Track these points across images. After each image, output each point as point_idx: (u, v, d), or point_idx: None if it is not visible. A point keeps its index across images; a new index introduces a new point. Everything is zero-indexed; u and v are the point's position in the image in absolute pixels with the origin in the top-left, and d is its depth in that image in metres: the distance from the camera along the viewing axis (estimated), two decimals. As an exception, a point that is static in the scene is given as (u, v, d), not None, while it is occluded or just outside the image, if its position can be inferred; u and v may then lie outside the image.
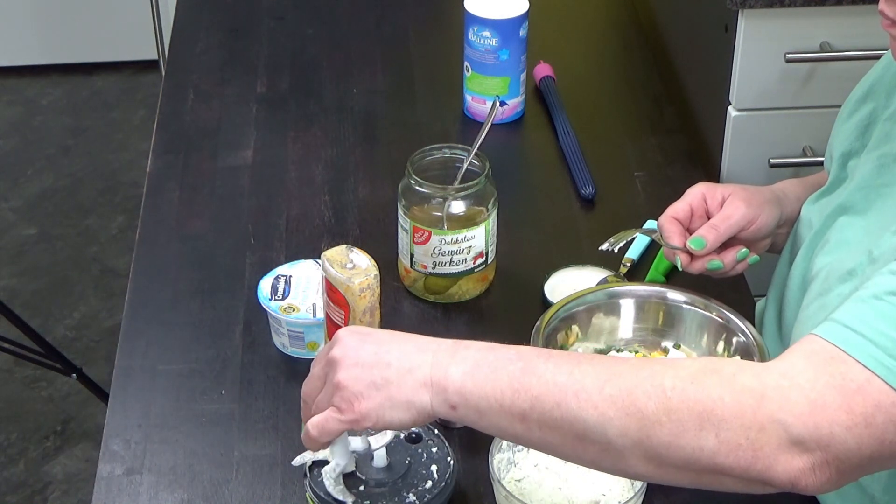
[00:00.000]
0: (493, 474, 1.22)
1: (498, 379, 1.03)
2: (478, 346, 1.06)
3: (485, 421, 1.04)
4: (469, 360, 1.05)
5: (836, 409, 0.97)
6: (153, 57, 3.61)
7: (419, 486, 1.21)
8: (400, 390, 1.05)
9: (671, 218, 1.40)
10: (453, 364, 1.05)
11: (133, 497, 1.29)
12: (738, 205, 1.39)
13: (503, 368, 1.03)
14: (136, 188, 3.25)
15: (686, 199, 1.41)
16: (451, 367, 1.04)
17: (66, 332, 2.87)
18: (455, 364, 1.05)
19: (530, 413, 1.02)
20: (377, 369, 1.05)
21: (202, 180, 1.74)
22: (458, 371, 1.04)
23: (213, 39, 2.06)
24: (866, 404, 0.97)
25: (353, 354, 1.07)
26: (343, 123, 1.86)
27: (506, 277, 1.57)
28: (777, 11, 1.69)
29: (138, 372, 1.43)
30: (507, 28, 1.79)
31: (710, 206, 1.41)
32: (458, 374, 1.04)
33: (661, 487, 1.29)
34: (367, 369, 1.06)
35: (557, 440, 1.02)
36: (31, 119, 3.56)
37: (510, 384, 1.02)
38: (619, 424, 0.99)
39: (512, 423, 1.03)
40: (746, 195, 1.40)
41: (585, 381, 1.01)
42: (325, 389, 1.08)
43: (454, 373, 1.04)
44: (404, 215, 1.49)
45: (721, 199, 1.40)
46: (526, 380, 1.02)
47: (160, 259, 1.60)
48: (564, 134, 1.80)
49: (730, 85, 1.77)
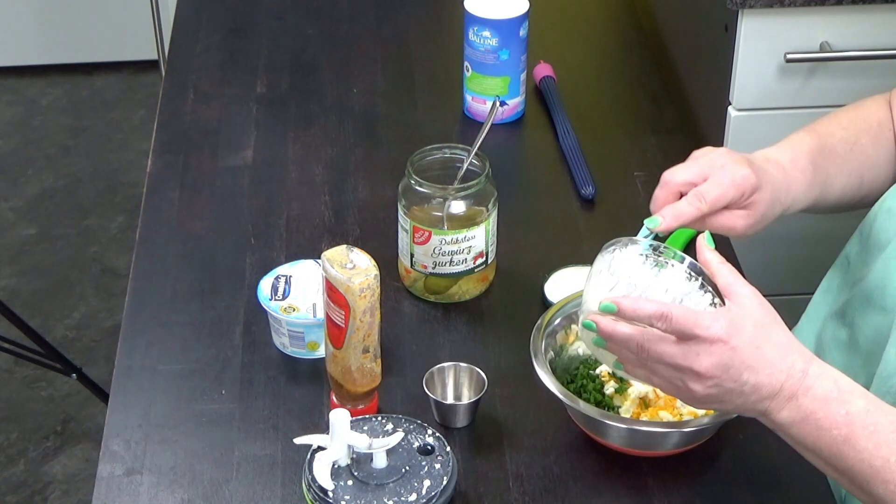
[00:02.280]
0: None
1: (820, 438, 1.10)
2: (814, 396, 1.11)
3: (802, 453, 1.14)
4: (801, 411, 1.11)
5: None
6: (153, 57, 3.61)
7: (419, 486, 1.22)
8: (731, 407, 1.14)
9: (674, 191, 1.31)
10: (787, 409, 1.11)
11: (133, 497, 1.29)
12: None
13: (827, 431, 1.10)
14: (136, 188, 3.25)
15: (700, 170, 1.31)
16: (784, 412, 1.12)
17: (66, 332, 2.87)
18: (788, 410, 1.11)
19: (843, 472, 1.11)
20: (728, 396, 1.12)
21: (202, 180, 1.74)
22: (788, 418, 1.11)
23: (213, 39, 2.06)
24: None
25: (720, 373, 1.11)
26: (343, 123, 1.86)
27: (506, 277, 1.57)
28: (777, 11, 1.69)
29: (138, 372, 1.43)
30: (507, 28, 1.79)
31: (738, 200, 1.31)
32: (786, 420, 1.12)
33: (661, 487, 1.29)
34: (722, 393, 1.12)
35: (859, 496, 1.11)
36: (31, 119, 3.56)
37: (829, 447, 1.10)
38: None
39: (825, 468, 1.13)
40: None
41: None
42: (680, 357, 1.11)
43: (784, 417, 1.12)
44: (404, 215, 1.49)
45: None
46: (845, 449, 1.09)
47: (160, 259, 1.60)
48: (564, 134, 1.80)
49: (730, 85, 1.77)
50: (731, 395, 1.12)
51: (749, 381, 1.11)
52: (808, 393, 1.10)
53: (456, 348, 1.46)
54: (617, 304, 1.13)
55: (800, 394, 1.11)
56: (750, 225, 1.31)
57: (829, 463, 1.11)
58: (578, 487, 1.30)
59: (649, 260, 1.16)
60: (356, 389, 1.34)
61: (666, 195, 1.29)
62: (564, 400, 1.29)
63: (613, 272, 1.16)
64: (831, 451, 1.10)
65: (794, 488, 1.30)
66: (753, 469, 1.31)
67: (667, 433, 1.29)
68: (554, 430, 1.36)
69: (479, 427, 1.36)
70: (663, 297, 1.14)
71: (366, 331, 1.30)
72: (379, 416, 1.29)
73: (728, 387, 1.11)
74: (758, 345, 1.11)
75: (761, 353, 1.11)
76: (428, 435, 1.27)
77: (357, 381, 1.33)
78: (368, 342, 1.31)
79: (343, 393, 1.35)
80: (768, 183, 1.31)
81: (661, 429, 1.28)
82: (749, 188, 1.28)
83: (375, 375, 1.35)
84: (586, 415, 1.29)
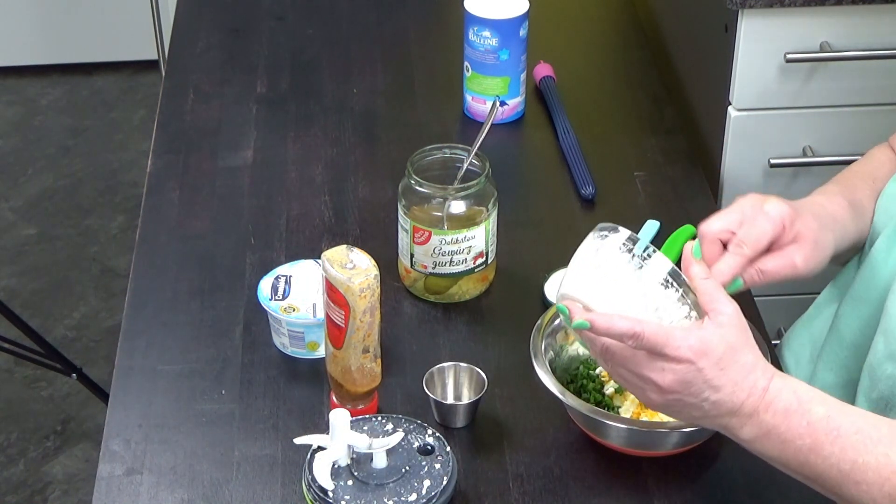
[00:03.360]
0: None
1: (784, 451, 1.11)
2: (775, 410, 1.11)
3: (765, 460, 1.15)
4: (763, 426, 1.11)
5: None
6: (153, 57, 3.61)
7: (419, 486, 1.22)
8: (690, 419, 1.17)
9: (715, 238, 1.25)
10: (748, 426, 1.12)
11: (133, 497, 1.29)
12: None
13: (791, 443, 1.11)
14: (136, 188, 3.25)
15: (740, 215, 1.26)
16: (745, 428, 1.12)
17: (66, 332, 2.87)
18: (749, 426, 1.12)
19: (814, 479, 1.12)
20: (687, 409, 1.13)
21: (202, 180, 1.74)
22: (750, 434, 1.12)
23: (213, 39, 2.06)
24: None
25: (680, 389, 1.11)
26: (343, 123, 1.86)
27: (506, 277, 1.57)
28: (777, 11, 1.69)
29: (138, 372, 1.43)
30: (507, 28, 1.79)
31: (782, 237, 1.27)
32: (748, 436, 1.13)
33: (661, 487, 1.29)
34: (682, 406, 1.13)
35: (830, 497, 1.13)
36: (31, 119, 3.56)
37: (795, 458, 1.11)
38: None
39: (797, 476, 1.14)
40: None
41: (868, 475, 1.08)
42: (645, 367, 1.12)
43: (746, 433, 1.13)
44: (404, 215, 1.49)
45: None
46: (811, 458, 1.10)
47: (160, 259, 1.60)
48: (564, 134, 1.80)
49: (730, 85, 1.77)
50: (691, 408, 1.13)
51: (709, 398, 1.11)
52: (768, 409, 1.11)
53: (456, 348, 1.46)
54: (591, 322, 1.13)
55: (760, 410, 1.11)
56: (807, 257, 1.25)
57: (799, 472, 1.12)
58: (578, 487, 1.30)
59: (635, 260, 1.15)
60: (356, 389, 1.34)
61: (710, 249, 1.24)
62: (564, 400, 1.29)
63: (599, 264, 1.16)
64: (798, 460, 1.11)
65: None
66: (753, 469, 1.31)
67: (667, 433, 1.29)
68: (554, 430, 1.36)
69: (479, 427, 1.36)
70: (640, 301, 1.14)
71: (366, 331, 1.30)
72: (379, 416, 1.29)
73: (688, 401, 1.12)
74: (723, 367, 1.11)
75: (725, 373, 1.11)
76: (428, 435, 1.27)
77: (357, 381, 1.33)
78: (368, 342, 1.31)
79: (343, 393, 1.35)
80: (808, 210, 1.28)
81: (661, 429, 1.28)
82: (786, 217, 1.24)
83: (375, 375, 1.35)
84: (586, 415, 1.29)
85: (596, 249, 1.17)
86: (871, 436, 1.09)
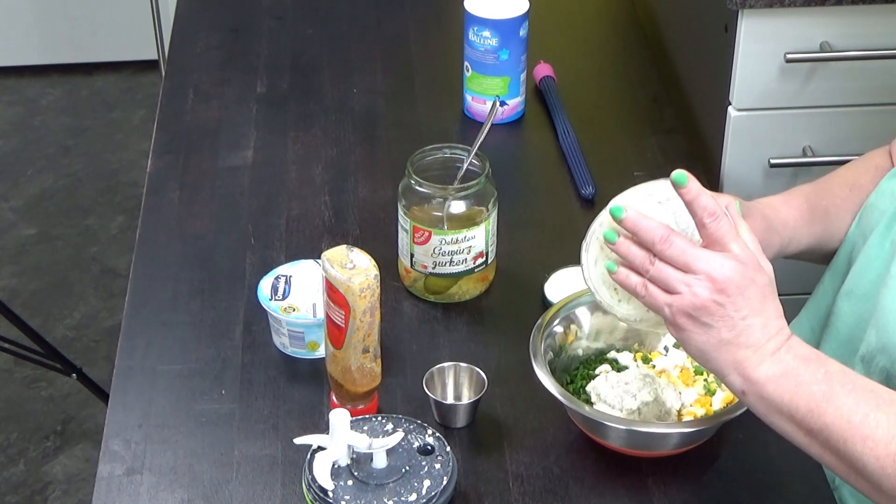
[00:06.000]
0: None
1: (798, 395, 1.10)
2: (796, 354, 1.12)
3: (770, 418, 1.13)
4: (782, 365, 1.11)
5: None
6: (153, 57, 3.61)
7: (419, 486, 1.22)
8: (709, 341, 1.12)
9: None
10: (767, 363, 1.11)
11: (133, 497, 1.29)
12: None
13: (806, 387, 1.10)
14: (136, 188, 3.25)
15: None
16: (764, 366, 1.11)
17: (66, 332, 2.87)
18: (769, 364, 1.11)
19: (817, 434, 1.10)
20: (719, 323, 1.11)
21: (202, 180, 1.74)
22: (767, 371, 1.11)
23: (213, 39, 2.06)
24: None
25: (732, 291, 1.10)
26: (343, 123, 1.86)
27: (506, 277, 1.57)
28: (777, 11, 1.69)
29: (138, 372, 1.43)
30: (507, 28, 1.79)
31: None
32: (764, 374, 1.11)
33: (661, 487, 1.29)
34: (717, 317, 1.11)
35: (833, 463, 1.11)
36: (31, 119, 3.56)
37: (807, 403, 1.10)
38: (895, 483, 1.06)
39: (795, 432, 1.12)
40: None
41: (878, 431, 1.07)
42: (702, 260, 1.11)
43: (763, 371, 1.11)
44: (404, 215, 1.49)
45: None
46: (824, 406, 1.09)
47: (160, 259, 1.60)
48: (564, 134, 1.80)
49: (730, 85, 1.77)
50: (723, 323, 1.11)
51: (746, 319, 1.11)
52: (790, 351, 1.12)
53: (456, 348, 1.46)
54: (689, 185, 1.13)
55: (782, 350, 1.12)
56: None
57: (804, 423, 1.10)
58: (578, 487, 1.30)
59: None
60: (356, 389, 1.34)
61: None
62: (563, 401, 1.29)
63: (662, 200, 1.19)
64: (808, 407, 1.09)
65: (794, 488, 1.30)
66: (753, 469, 1.31)
67: (667, 433, 1.29)
68: (554, 430, 1.36)
69: (479, 427, 1.36)
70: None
71: (366, 331, 1.30)
72: (379, 416, 1.29)
73: (728, 312, 1.11)
74: (765, 295, 1.12)
75: (765, 304, 1.12)
76: (428, 435, 1.27)
77: (357, 381, 1.33)
78: (368, 342, 1.32)
79: (343, 393, 1.35)
80: (759, 212, 1.34)
81: (661, 429, 1.29)
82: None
83: (375, 375, 1.35)
84: (586, 416, 1.29)
85: (666, 193, 1.20)
86: (884, 397, 1.09)
